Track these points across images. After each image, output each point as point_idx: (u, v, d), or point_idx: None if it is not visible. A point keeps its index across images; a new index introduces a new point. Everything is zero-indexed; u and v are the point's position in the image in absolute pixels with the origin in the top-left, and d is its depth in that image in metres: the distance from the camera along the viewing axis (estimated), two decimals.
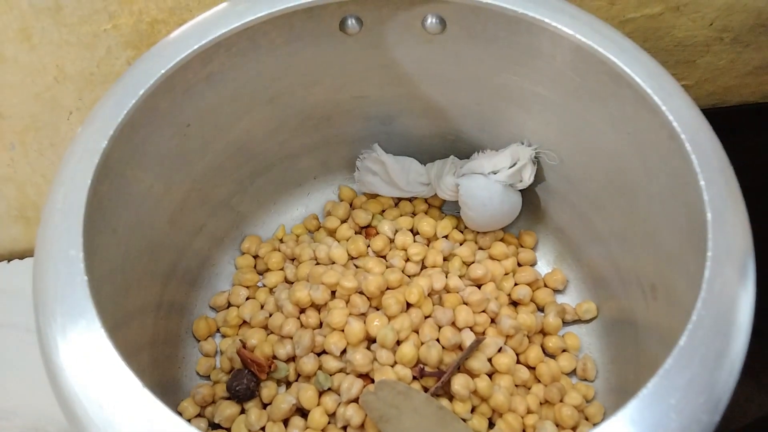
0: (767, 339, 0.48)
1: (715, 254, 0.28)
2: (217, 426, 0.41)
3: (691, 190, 0.31)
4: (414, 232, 0.49)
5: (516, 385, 0.43)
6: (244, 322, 0.46)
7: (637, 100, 0.34)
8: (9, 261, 0.56)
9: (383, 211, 0.50)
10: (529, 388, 0.43)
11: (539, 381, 0.44)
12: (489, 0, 0.37)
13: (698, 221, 0.30)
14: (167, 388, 0.42)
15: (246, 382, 0.41)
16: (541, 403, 0.43)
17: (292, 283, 0.47)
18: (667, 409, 0.25)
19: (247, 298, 0.47)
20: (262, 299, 0.46)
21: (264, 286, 0.48)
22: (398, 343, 0.42)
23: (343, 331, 0.42)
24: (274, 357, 0.43)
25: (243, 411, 0.42)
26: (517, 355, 0.44)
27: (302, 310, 0.45)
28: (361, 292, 0.44)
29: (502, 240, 0.49)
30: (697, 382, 0.25)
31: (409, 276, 0.47)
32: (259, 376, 0.42)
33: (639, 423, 0.25)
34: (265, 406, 0.42)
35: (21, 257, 0.57)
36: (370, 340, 0.43)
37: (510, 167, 0.45)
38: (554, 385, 0.43)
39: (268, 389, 0.42)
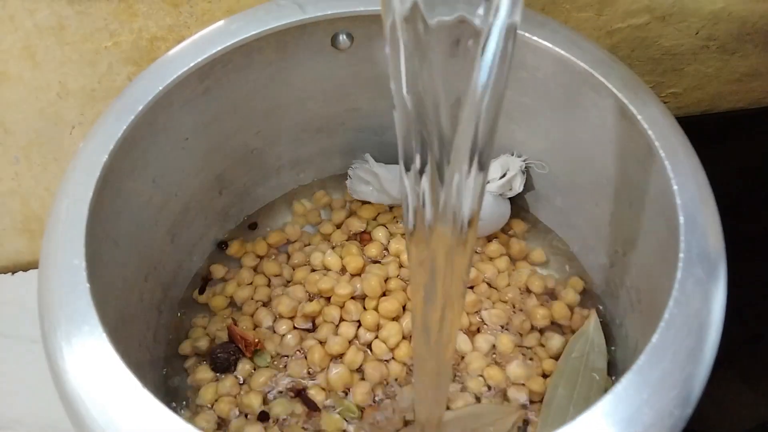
0: (766, 345, 0.49)
1: (686, 255, 0.29)
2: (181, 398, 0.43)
3: (666, 195, 0.32)
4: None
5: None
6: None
7: (615, 109, 0.36)
8: (13, 273, 0.57)
9: (377, 215, 0.51)
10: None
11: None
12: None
13: (673, 225, 0.31)
14: (168, 392, 0.43)
15: (229, 354, 0.43)
16: None
17: (289, 281, 0.48)
18: (640, 403, 0.26)
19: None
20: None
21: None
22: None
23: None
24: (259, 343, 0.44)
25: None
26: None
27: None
28: (354, 298, 0.45)
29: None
30: (669, 378, 0.27)
31: (404, 281, 0.48)
32: (244, 352, 0.43)
33: (613, 417, 0.26)
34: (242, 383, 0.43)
35: (25, 269, 0.57)
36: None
37: (500, 178, 0.46)
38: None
39: (244, 365, 0.43)
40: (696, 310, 0.28)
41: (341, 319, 0.45)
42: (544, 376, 0.43)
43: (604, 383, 0.42)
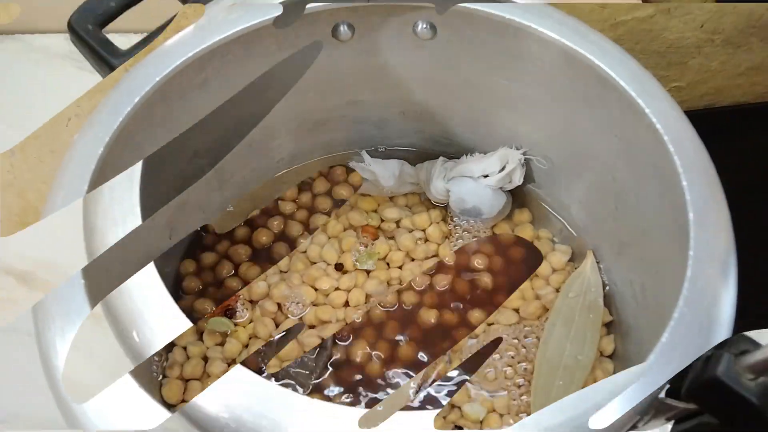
0: None
1: (696, 253, 0.29)
2: None
3: (675, 191, 0.31)
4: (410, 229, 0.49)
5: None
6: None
7: (622, 102, 0.35)
8: None
9: (378, 207, 0.50)
10: None
11: None
12: (477, 6, 0.37)
13: (682, 221, 0.30)
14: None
15: None
16: None
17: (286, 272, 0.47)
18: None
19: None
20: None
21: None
22: None
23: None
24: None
25: None
26: None
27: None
28: None
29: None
30: None
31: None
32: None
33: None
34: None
35: None
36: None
37: (499, 171, 0.46)
38: None
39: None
40: (706, 309, 0.27)
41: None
42: None
43: (602, 317, 0.43)
